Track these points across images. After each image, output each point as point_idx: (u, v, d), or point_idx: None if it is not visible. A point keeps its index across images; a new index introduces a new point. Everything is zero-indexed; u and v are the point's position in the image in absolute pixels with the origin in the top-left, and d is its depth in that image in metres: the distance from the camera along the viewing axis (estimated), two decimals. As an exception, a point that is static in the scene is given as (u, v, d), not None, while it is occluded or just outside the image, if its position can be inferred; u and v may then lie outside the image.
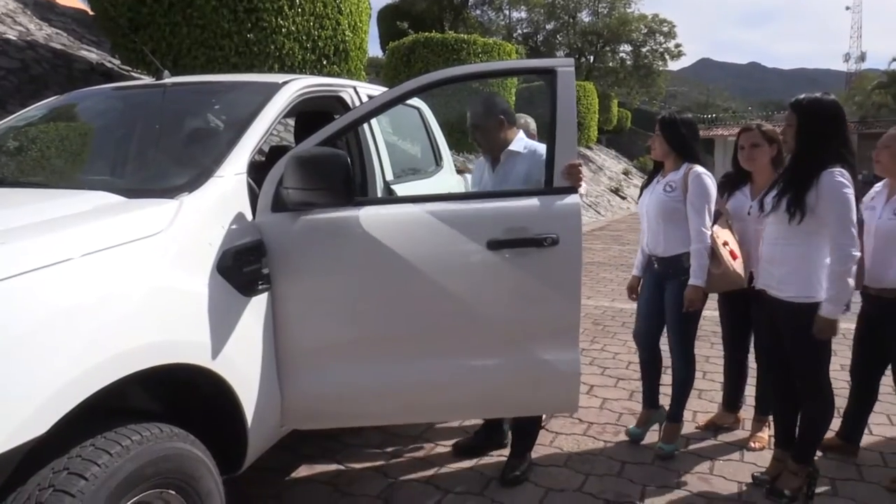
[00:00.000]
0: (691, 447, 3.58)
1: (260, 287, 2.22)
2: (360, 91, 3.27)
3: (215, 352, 1.97)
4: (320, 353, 2.39)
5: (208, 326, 1.96)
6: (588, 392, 4.40)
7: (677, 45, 37.25)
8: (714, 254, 3.25)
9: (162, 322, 1.83)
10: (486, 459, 3.37)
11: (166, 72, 3.01)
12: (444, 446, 3.54)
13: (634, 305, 3.79)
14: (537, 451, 3.41)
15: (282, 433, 2.43)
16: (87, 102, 3.18)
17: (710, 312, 3.73)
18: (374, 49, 27.55)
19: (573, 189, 2.54)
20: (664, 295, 3.48)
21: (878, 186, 3.24)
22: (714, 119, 47.12)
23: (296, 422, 2.48)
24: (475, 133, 3.30)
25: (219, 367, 1.98)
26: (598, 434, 3.73)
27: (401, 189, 3.35)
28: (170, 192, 2.12)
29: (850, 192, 2.69)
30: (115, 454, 1.63)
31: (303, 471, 3.26)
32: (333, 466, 3.30)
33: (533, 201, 2.54)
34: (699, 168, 3.33)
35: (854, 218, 2.71)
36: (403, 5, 27.48)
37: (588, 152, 26.79)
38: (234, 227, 2.18)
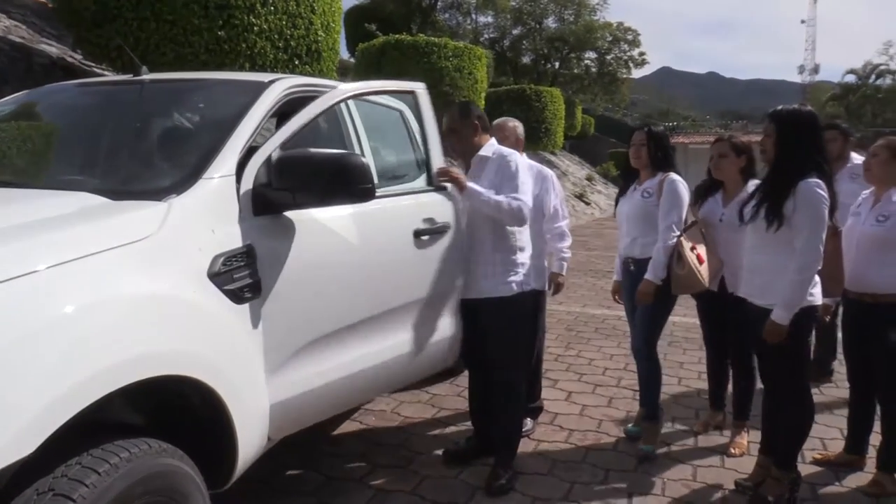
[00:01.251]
0: (673, 450, 3.61)
1: (251, 294, 2.13)
2: (356, 91, 3.21)
3: (206, 362, 1.89)
4: (304, 353, 2.43)
5: (200, 336, 1.88)
6: (567, 398, 4.39)
7: (641, 54, 37.81)
8: (680, 255, 3.38)
9: (151, 332, 1.74)
10: (470, 468, 3.32)
11: (144, 67, 2.88)
12: (427, 455, 3.48)
13: (606, 311, 3.92)
14: (521, 460, 3.38)
15: (269, 445, 2.34)
16: (60, 98, 3.01)
17: (681, 318, 3.77)
18: (341, 51, 27.38)
19: (444, 187, 3.19)
20: (631, 297, 3.62)
21: (864, 193, 3.32)
22: (675, 127, 47.95)
23: (282, 429, 2.41)
24: (451, 137, 3.41)
25: (210, 378, 1.89)
26: (580, 441, 3.72)
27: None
28: (157, 194, 2.02)
29: (826, 206, 2.76)
30: (104, 473, 1.53)
31: (286, 482, 3.17)
32: (317, 477, 3.21)
33: (433, 196, 3.18)
34: (675, 175, 3.54)
35: (823, 235, 2.78)
36: (371, 7, 27.29)
37: (552, 158, 26.96)
38: (224, 231, 2.09)
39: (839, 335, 3.85)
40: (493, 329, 3.20)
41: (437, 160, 3.33)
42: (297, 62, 7.72)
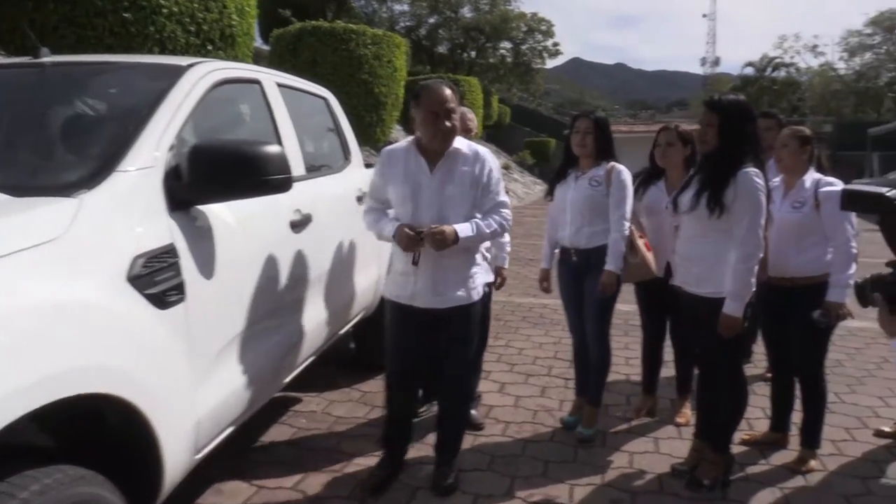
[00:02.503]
0: (609, 438, 3.64)
1: (175, 296, 1.95)
2: (278, 80, 3.07)
3: (127, 377, 1.70)
4: (229, 350, 2.37)
5: (118, 348, 1.69)
6: (500, 390, 4.35)
7: (555, 44, 38.46)
8: (632, 244, 3.45)
9: (61, 347, 1.53)
10: (406, 468, 3.22)
11: (45, 49, 2.61)
12: (361, 456, 3.35)
13: (532, 300, 3.89)
14: (460, 456, 3.29)
15: (198, 460, 2.17)
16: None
17: (621, 306, 3.80)
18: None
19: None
20: (583, 285, 3.57)
21: (775, 181, 3.39)
22: (586, 116, 49.02)
23: (213, 435, 2.25)
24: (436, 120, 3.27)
25: (131, 394, 1.70)
26: (517, 433, 3.68)
27: (314, 184, 3.21)
28: (65, 190, 1.80)
29: (763, 194, 2.83)
30: (13, 508, 1.35)
31: (212, 496, 2.96)
32: (246, 488, 3.03)
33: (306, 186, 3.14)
34: (620, 165, 3.52)
35: (762, 221, 2.85)
36: (284, -8, 26.53)
37: (471, 147, 27.07)
38: (143, 229, 1.90)
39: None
40: (461, 334, 2.99)
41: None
42: (210, 47, 7.35)
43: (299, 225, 2.92)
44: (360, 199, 3.79)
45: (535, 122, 38.89)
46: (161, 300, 1.88)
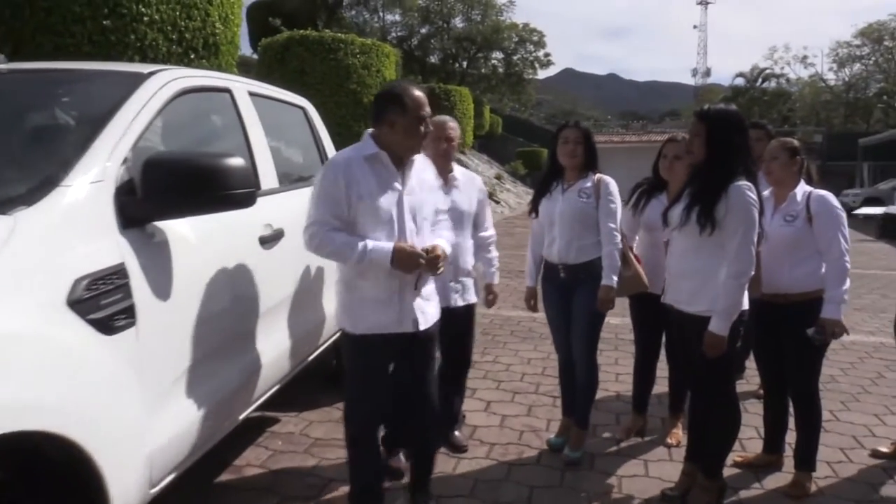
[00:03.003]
0: (597, 460, 3.50)
1: (124, 321, 1.81)
2: (250, 88, 2.95)
3: (64, 411, 1.55)
4: (187, 378, 2.21)
5: (54, 380, 1.54)
6: (486, 409, 4.21)
7: (546, 54, 38.55)
8: (625, 257, 3.36)
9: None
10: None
11: (1, 56, 2.48)
12: (340, 481, 3.20)
13: (521, 313, 3.76)
14: (442, 480, 3.18)
15: (155, 494, 2.02)
16: None
17: (611, 319, 3.69)
18: (244, 47, 26.40)
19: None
20: (571, 303, 3.43)
21: (765, 194, 3.27)
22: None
23: (166, 467, 2.09)
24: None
25: (69, 429, 1.56)
26: (502, 456, 3.54)
27: (288, 197, 3.07)
28: (0, 207, 1.66)
29: (756, 209, 2.72)
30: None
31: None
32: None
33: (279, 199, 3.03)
34: (607, 176, 3.41)
35: (755, 238, 2.73)
36: (275, 2, 26.46)
37: (462, 157, 27.00)
38: (88, 248, 1.76)
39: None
40: (433, 352, 2.88)
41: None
42: (193, 56, 7.22)
43: (270, 240, 2.79)
44: None
45: (527, 133, 38.90)
46: (107, 325, 1.74)
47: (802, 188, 3.18)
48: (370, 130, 2.62)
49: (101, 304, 1.73)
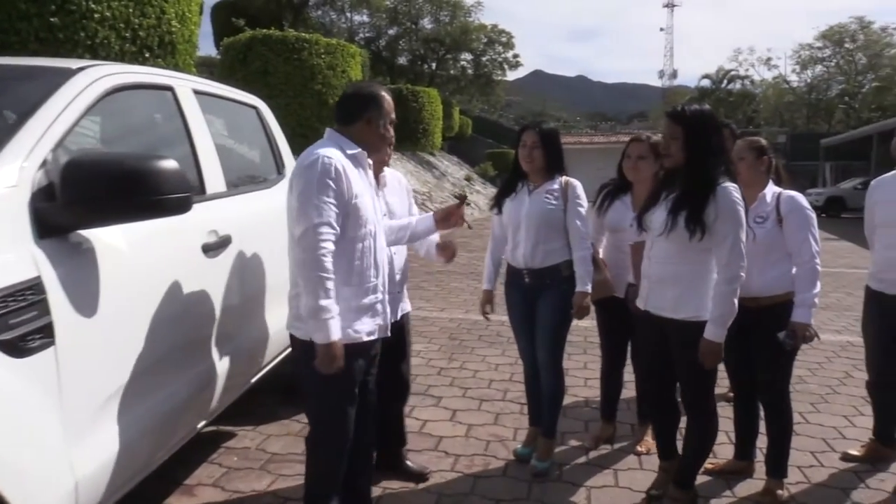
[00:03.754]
0: (565, 470, 3.39)
1: (39, 341, 1.63)
2: (196, 87, 2.78)
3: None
4: (117, 400, 2.02)
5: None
6: (451, 419, 4.08)
7: (515, 56, 38.56)
8: (595, 261, 3.26)
9: None
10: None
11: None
12: (297, 501, 3.04)
13: (490, 316, 3.57)
14: (404, 496, 3.04)
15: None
16: None
17: (580, 322, 3.57)
18: (208, 47, 25.95)
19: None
20: (535, 309, 3.31)
21: None
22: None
23: (94, 498, 1.92)
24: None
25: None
26: (468, 468, 3.40)
27: (237, 201, 2.90)
28: None
29: (743, 210, 2.64)
30: None
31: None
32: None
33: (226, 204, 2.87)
34: (574, 179, 3.30)
35: (745, 238, 2.64)
36: (239, 2, 26.05)
37: (431, 158, 26.88)
38: (-4, 261, 1.58)
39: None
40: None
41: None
42: (147, 55, 6.99)
43: (214, 248, 2.60)
44: None
45: (497, 134, 38.94)
46: (17, 347, 1.56)
47: (772, 189, 3.11)
48: (334, 129, 2.54)
49: (11, 323, 1.55)
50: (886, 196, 3.35)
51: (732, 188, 2.61)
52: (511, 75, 44.48)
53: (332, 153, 2.34)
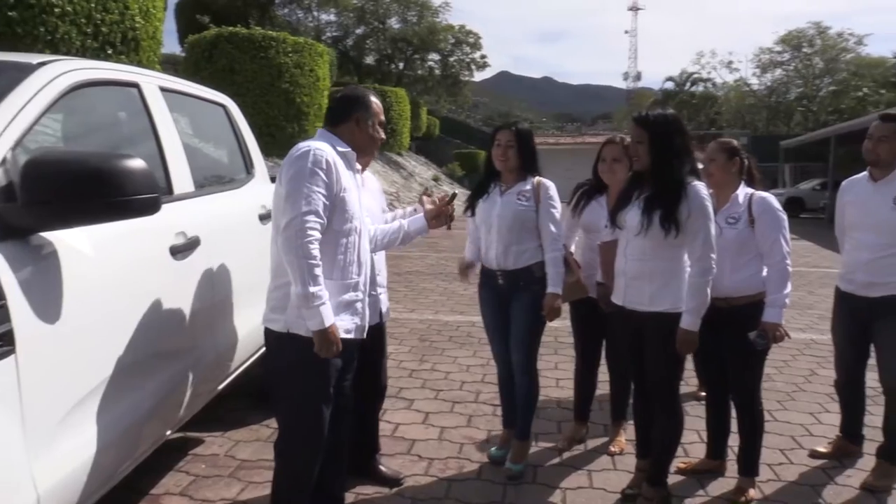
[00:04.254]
0: (539, 472, 3.38)
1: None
2: (163, 83, 2.70)
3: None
4: (84, 411, 1.95)
5: None
6: (424, 422, 4.04)
7: (483, 56, 38.64)
8: (567, 262, 3.26)
9: None
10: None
11: None
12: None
13: (459, 317, 3.57)
14: (375, 501, 2.99)
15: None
16: None
17: (550, 322, 3.56)
18: (171, 44, 25.49)
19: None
20: (509, 310, 3.29)
21: None
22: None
23: None
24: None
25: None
26: (442, 472, 3.37)
27: (206, 201, 2.82)
28: None
29: (711, 205, 2.77)
30: None
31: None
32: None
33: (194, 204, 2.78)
34: (546, 180, 3.29)
35: (714, 231, 2.77)
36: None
37: (399, 158, 26.81)
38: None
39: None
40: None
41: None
42: (110, 51, 6.82)
43: (183, 250, 2.53)
44: (263, 218, 3.41)
45: (465, 134, 39.02)
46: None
47: (744, 190, 3.14)
48: (325, 129, 2.58)
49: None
50: (857, 197, 3.38)
51: (700, 185, 2.75)
52: (478, 76, 44.71)
53: (324, 146, 2.36)
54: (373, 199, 3.08)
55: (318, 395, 2.41)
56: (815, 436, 3.88)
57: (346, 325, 2.45)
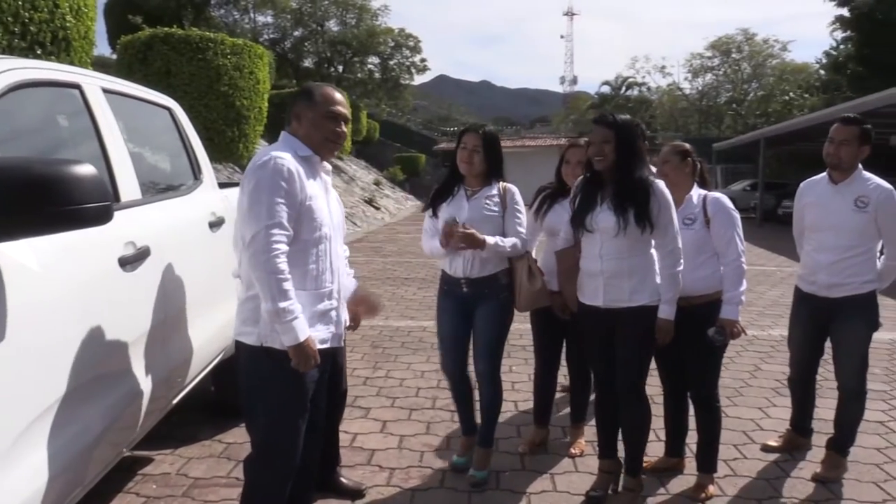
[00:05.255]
0: (502, 477, 3.34)
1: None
2: (105, 85, 2.55)
3: None
4: (34, 433, 1.82)
5: None
6: (382, 430, 3.96)
7: (423, 60, 38.71)
8: (530, 269, 3.23)
9: None
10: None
11: None
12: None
13: (410, 322, 3.51)
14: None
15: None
16: None
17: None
18: (101, 46, 24.58)
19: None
20: (472, 319, 3.23)
21: None
22: (453, 132, 49.96)
23: None
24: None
25: None
26: (404, 482, 3.30)
27: (154, 209, 2.68)
28: None
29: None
30: None
31: None
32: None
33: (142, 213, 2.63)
34: (511, 185, 3.29)
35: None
36: (135, -1, 24.82)
37: (340, 163, 26.48)
38: None
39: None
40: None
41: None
42: (39, 51, 6.49)
43: (132, 261, 2.38)
44: (213, 225, 3.28)
45: (405, 138, 38.89)
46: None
47: (697, 191, 3.20)
48: (286, 131, 2.44)
49: None
50: (818, 200, 3.42)
51: (662, 184, 2.89)
52: (417, 79, 44.66)
53: (285, 154, 2.26)
54: (337, 205, 3.00)
55: (295, 408, 2.32)
56: (766, 430, 3.98)
57: (321, 336, 2.37)
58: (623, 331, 2.94)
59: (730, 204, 3.16)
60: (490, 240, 3.03)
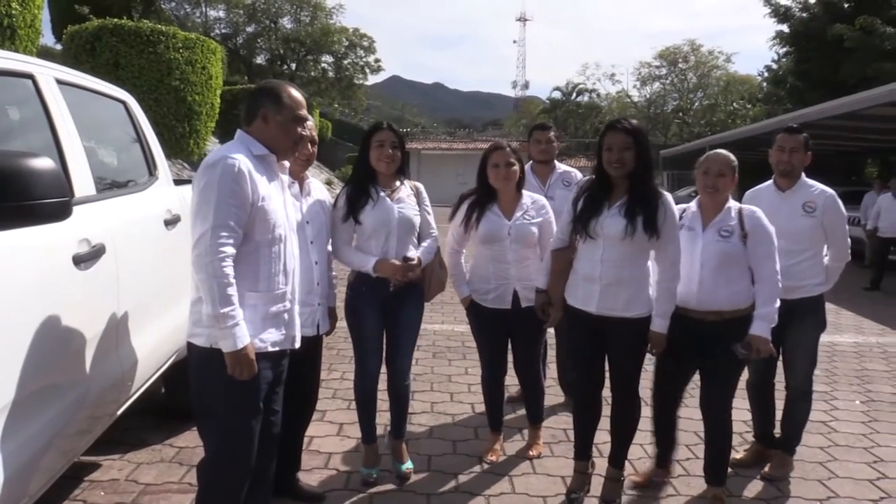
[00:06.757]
0: (461, 482, 3.33)
1: None
2: (59, 76, 2.46)
3: None
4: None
5: None
6: (339, 433, 3.95)
7: (377, 60, 38.55)
8: (441, 262, 3.44)
9: None
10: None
11: None
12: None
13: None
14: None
15: None
16: None
17: (440, 326, 3.55)
18: (45, 35, 23.67)
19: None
20: (398, 316, 3.23)
21: (692, 206, 3.17)
22: (407, 133, 49.91)
23: None
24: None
25: None
26: (362, 485, 3.27)
27: (109, 205, 2.59)
28: None
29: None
30: None
31: None
32: None
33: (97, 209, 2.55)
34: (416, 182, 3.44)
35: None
36: (82, -13, 23.99)
37: (294, 161, 26.12)
38: None
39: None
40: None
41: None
42: (-21, 40, 6.22)
43: (87, 259, 2.30)
44: (168, 223, 3.19)
45: (357, 138, 38.40)
46: None
47: (733, 203, 3.09)
48: (242, 130, 2.36)
49: None
50: (767, 207, 3.31)
51: (669, 195, 2.92)
52: (371, 80, 44.43)
53: (237, 154, 2.19)
54: (319, 208, 3.01)
55: (248, 410, 2.27)
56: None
57: (273, 338, 2.34)
58: (619, 342, 2.98)
59: (766, 219, 3.04)
60: (423, 258, 3.20)
